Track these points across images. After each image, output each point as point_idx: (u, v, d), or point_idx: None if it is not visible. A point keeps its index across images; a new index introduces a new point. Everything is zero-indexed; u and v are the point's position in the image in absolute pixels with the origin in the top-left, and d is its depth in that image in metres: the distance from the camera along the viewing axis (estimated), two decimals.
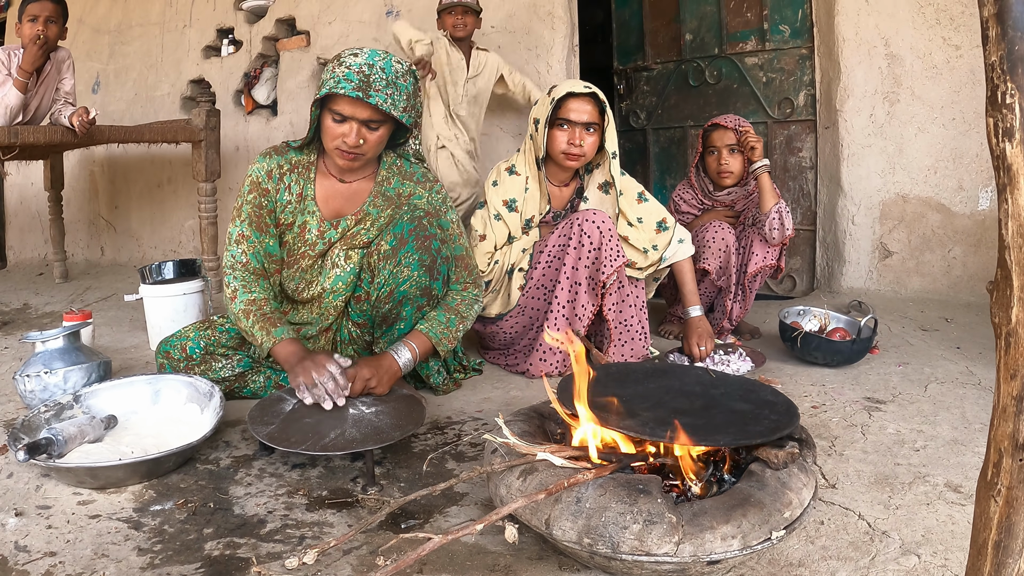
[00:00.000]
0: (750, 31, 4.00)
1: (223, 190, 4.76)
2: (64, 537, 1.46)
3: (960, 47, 3.47)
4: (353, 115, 1.96)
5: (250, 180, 2.13)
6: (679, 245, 2.64)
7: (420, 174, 2.25)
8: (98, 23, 5.35)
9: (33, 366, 2.18)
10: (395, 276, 2.09)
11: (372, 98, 1.91)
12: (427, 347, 2.10)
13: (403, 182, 2.22)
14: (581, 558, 1.26)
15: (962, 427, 1.96)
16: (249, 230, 2.12)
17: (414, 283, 2.09)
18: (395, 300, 2.11)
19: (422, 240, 2.08)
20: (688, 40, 4.28)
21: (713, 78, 4.16)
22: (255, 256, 2.12)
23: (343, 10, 4.53)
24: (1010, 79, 0.73)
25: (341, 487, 1.68)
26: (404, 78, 1.99)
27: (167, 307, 2.87)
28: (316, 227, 2.17)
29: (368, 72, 1.92)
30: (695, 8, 4.22)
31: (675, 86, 4.39)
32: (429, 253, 2.09)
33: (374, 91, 1.91)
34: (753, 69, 4.02)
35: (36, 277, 4.87)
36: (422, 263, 2.08)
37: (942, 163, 3.57)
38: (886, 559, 1.33)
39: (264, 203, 2.13)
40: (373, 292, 2.15)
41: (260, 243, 2.13)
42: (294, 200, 2.15)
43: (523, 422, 1.56)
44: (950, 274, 3.61)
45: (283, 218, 2.16)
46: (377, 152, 2.09)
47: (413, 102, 2.03)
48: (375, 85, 1.91)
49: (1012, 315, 0.73)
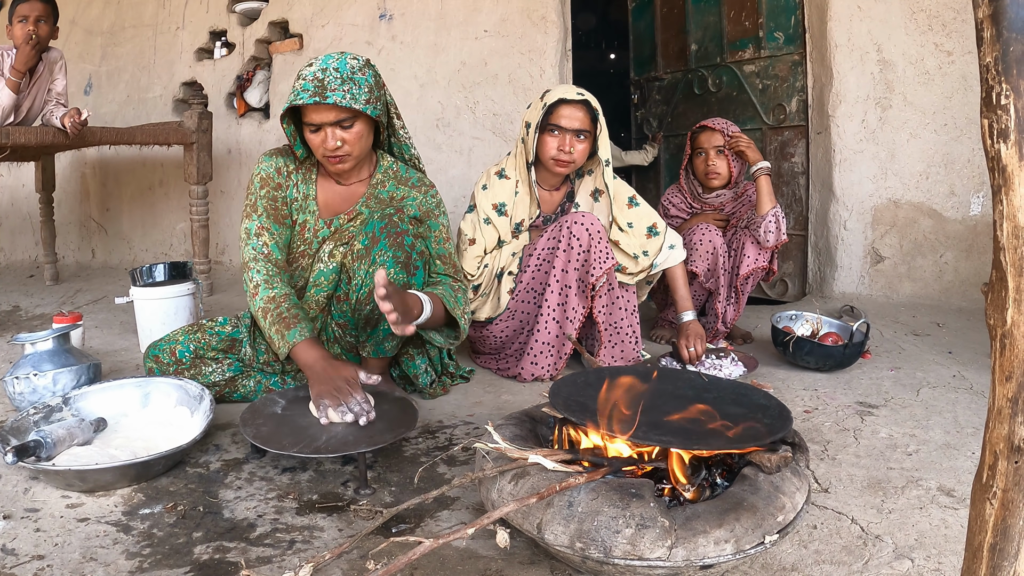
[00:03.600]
0: (748, 39, 4.04)
1: (215, 193, 4.75)
2: (52, 540, 1.45)
3: (952, 53, 3.49)
4: (322, 121, 1.98)
5: (260, 177, 2.15)
6: (670, 251, 2.64)
7: (416, 179, 2.25)
8: (90, 25, 5.33)
9: (22, 368, 2.16)
10: (371, 276, 2.06)
11: (329, 98, 1.92)
12: (440, 310, 2.02)
13: (398, 186, 2.22)
14: (573, 563, 1.26)
15: (954, 431, 1.96)
16: (268, 222, 2.12)
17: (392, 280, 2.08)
18: (374, 301, 2.08)
19: (394, 237, 2.05)
20: (694, 50, 4.35)
21: (715, 86, 4.22)
22: (276, 247, 2.12)
23: (336, 13, 4.53)
24: (1005, 80, 0.72)
25: (331, 491, 1.67)
26: (362, 72, 2.00)
27: (158, 310, 2.85)
28: (313, 226, 2.19)
29: (322, 76, 1.94)
30: (700, 18, 4.29)
31: (683, 95, 4.47)
32: (403, 249, 2.05)
33: (330, 91, 1.93)
34: (751, 76, 4.05)
35: (27, 279, 4.83)
36: (396, 260, 2.04)
37: (934, 168, 3.58)
38: (879, 563, 1.32)
39: (279, 195, 2.15)
40: (352, 295, 2.13)
41: (280, 235, 2.14)
42: (300, 198, 2.18)
43: (515, 426, 1.55)
44: (942, 279, 3.62)
45: (293, 215, 2.18)
46: (363, 149, 2.08)
47: (377, 93, 2.04)
48: (330, 86, 1.93)
49: (1007, 317, 0.73)
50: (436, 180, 4.29)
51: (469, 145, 4.28)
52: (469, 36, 4.23)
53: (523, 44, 4.13)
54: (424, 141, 4.33)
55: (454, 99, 4.29)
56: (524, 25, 4.12)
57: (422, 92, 4.34)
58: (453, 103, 4.29)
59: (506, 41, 4.16)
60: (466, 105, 4.26)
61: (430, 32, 4.31)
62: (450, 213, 4.26)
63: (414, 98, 4.34)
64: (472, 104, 4.25)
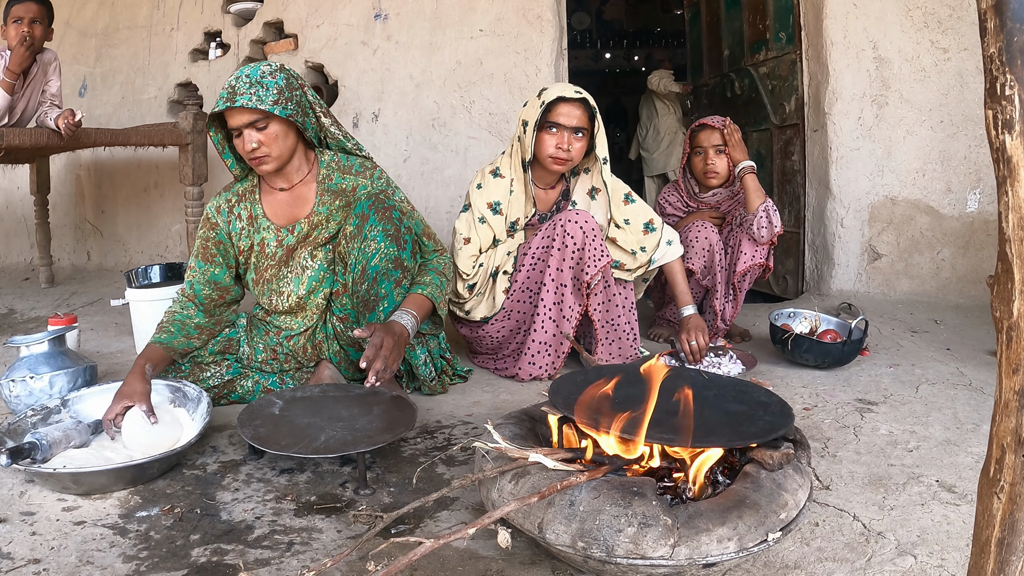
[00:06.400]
0: (761, 42, 4.11)
1: (210, 194, 4.70)
2: (48, 544, 1.44)
3: (948, 50, 3.49)
4: (237, 124, 2.06)
5: (203, 218, 2.29)
6: (667, 247, 2.63)
7: (358, 165, 2.29)
8: (85, 26, 5.31)
9: (18, 371, 2.15)
10: (363, 252, 2.12)
11: (237, 101, 2.01)
12: (426, 307, 2.16)
13: (343, 176, 2.26)
14: (575, 562, 1.25)
15: (954, 427, 1.96)
16: (195, 261, 2.27)
17: (383, 255, 2.12)
18: (369, 279, 2.12)
19: (382, 212, 2.13)
20: (726, 55, 4.48)
21: (740, 89, 4.34)
22: (192, 283, 2.24)
23: (331, 13, 4.51)
24: (1009, 71, 0.72)
25: (330, 492, 1.66)
26: (272, 75, 2.08)
27: (153, 311, 2.82)
28: (274, 239, 2.23)
29: (234, 83, 2.05)
30: (731, 25, 4.41)
31: (719, 99, 4.60)
32: (392, 223, 2.14)
33: (239, 95, 2.02)
34: (764, 78, 4.12)
35: (22, 282, 4.81)
36: (387, 233, 2.12)
37: (930, 166, 3.58)
38: (882, 560, 1.32)
39: (212, 235, 2.26)
40: (348, 277, 2.18)
41: (203, 272, 2.25)
42: (246, 224, 2.25)
43: (514, 425, 1.54)
44: (939, 276, 3.62)
45: (241, 244, 2.26)
46: (283, 148, 2.13)
47: (288, 95, 2.09)
48: (239, 90, 2.03)
49: (1013, 309, 0.72)
50: (432, 180, 4.32)
51: (465, 144, 4.27)
52: (464, 35, 4.22)
53: (518, 43, 4.12)
54: (420, 141, 4.32)
55: (450, 99, 4.28)
56: (519, 24, 4.11)
57: (418, 92, 4.32)
58: (449, 103, 4.28)
59: (501, 40, 4.15)
60: (462, 105, 4.25)
61: (425, 32, 4.29)
62: (446, 213, 4.26)
63: (410, 98, 4.33)
64: (468, 104, 4.24)
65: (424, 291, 2.16)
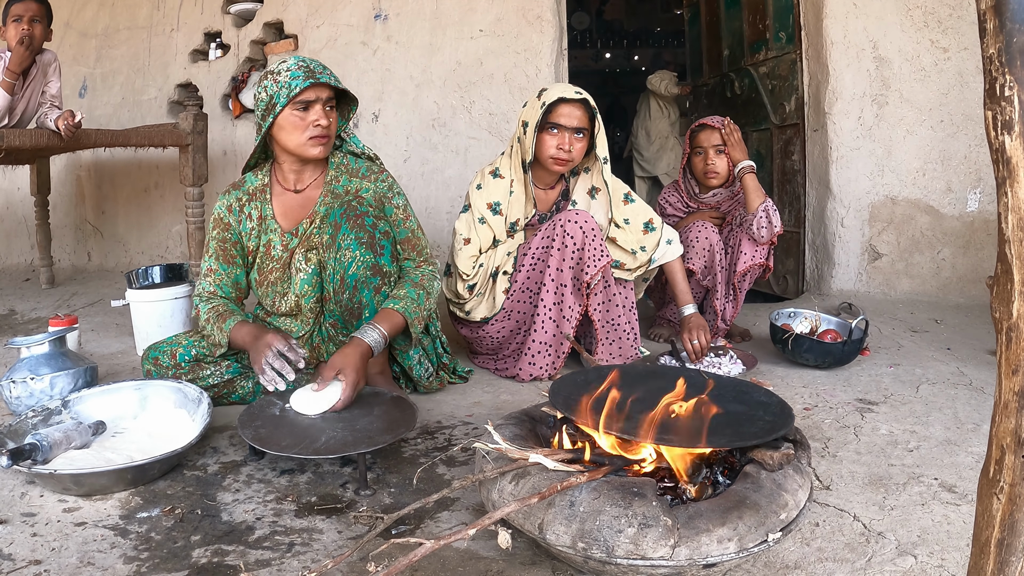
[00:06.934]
0: (761, 42, 4.12)
1: (210, 195, 4.71)
2: (49, 545, 1.44)
3: (948, 49, 3.49)
4: (317, 97, 2.08)
5: (214, 218, 2.26)
6: (667, 246, 2.63)
7: (365, 168, 2.30)
8: (85, 27, 5.31)
9: (19, 372, 2.15)
10: (340, 261, 2.11)
11: (321, 78, 2.07)
12: (396, 322, 2.07)
13: (350, 179, 2.27)
14: (575, 563, 1.25)
15: (955, 427, 1.96)
16: (216, 263, 2.24)
17: (360, 263, 2.09)
18: (349, 287, 2.11)
19: (354, 220, 2.11)
20: (726, 55, 4.48)
21: (740, 89, 4.34)
22: (220, 287, 2.24)
23: (331, 14, 4.51)
24: (1008, 71, 0.72)
25: (330, 493, 1.66)
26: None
27: (154, 312, 2.83)
28: (279, 242, 2.23)
29: (305, 63, 2.09)
30: (730, 24, 4.41)
31: (719, 99, 4.60)
32: (364, 230, 2.11)
33: (318, 74, 2.08)
34: (764, 78, 4.13)
35: (22, 283, 4.81)
36: (360, 240, 2.09)
37: (931, 165, 3.58)
38: (882, 560, 1.32)
39: (228, 236, 2.25)
40: (329, 287, 2.18)
41: (227, 275, 2.25)
42: (256, 225, 2.25)
43: (514, 426, 1.54)
44: (939, 276, 3.62)
45: (250, 245, 2.26)
46: (333, 135, 2.18)
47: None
48: (316, 69, 2.08)
49: (1013, 310, 0.72)
50: (432, 180, 4.32)
51: (465, 145, 4.27)
52: (464, 36, 4.22)
53: (518, 43, 4.12)
54: (420, 141, 4.32)
55: (450, 99, 4.28)
56: (519, 24, 4.11)
57: (418, 92, 4.32)
58: (449, 103, 4.28)
59: (501, 41, 4.15)
60: (462, 105, 4.25)
61: (425, 32, 4.30)
62: (446, 213, 4.26)
63: (410, 98, 4.33)
64: (468, 104, 4.24)
65: (396, 305, 2.08)
